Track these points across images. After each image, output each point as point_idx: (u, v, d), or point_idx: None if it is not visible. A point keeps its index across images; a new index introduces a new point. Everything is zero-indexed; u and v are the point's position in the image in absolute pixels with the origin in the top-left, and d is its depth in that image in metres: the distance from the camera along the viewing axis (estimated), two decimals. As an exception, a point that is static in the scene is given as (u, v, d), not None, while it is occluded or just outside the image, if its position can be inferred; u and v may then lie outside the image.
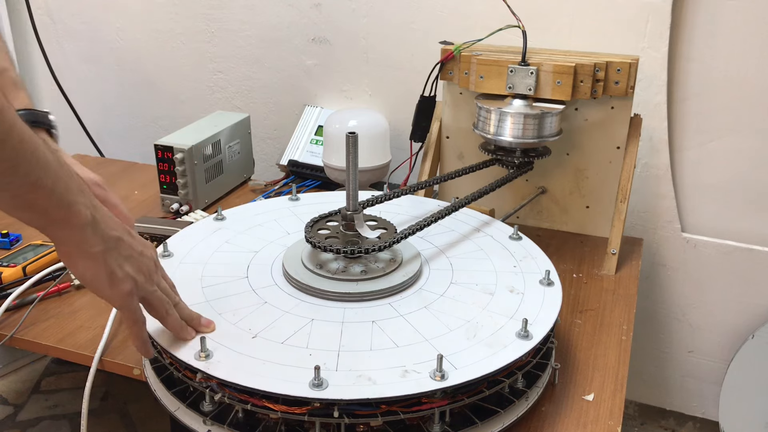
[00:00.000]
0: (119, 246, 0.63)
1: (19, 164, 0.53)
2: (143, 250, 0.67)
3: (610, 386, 0.81)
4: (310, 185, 1.37)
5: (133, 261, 0.64)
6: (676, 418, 1.46)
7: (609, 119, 1.09)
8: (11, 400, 1.49)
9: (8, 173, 0.53)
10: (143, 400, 1.46)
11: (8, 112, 0.51)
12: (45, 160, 0.55)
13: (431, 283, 0.82)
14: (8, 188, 0.54)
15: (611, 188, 1.12)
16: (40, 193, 0.56)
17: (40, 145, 0.55)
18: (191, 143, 1.20)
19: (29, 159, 0.54)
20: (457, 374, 0.65)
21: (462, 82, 1.08)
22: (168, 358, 0.72)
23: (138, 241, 0.67)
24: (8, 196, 0.55)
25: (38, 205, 0.56)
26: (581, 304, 0.98)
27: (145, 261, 0.66)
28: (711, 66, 1.20)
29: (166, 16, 1.59)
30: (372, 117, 1.31)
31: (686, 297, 1.35)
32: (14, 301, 0.92)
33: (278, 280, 0.81)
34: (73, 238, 0.60)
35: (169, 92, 1.66)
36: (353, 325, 0.73)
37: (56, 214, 0.58)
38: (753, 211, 1.26)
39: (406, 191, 0.97)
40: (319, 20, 1.45)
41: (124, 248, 0.64)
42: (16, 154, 0.52)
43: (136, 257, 0.65)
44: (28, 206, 0.56)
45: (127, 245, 0.64)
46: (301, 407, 0.64)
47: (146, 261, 0.66)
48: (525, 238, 0.92)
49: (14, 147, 0.52)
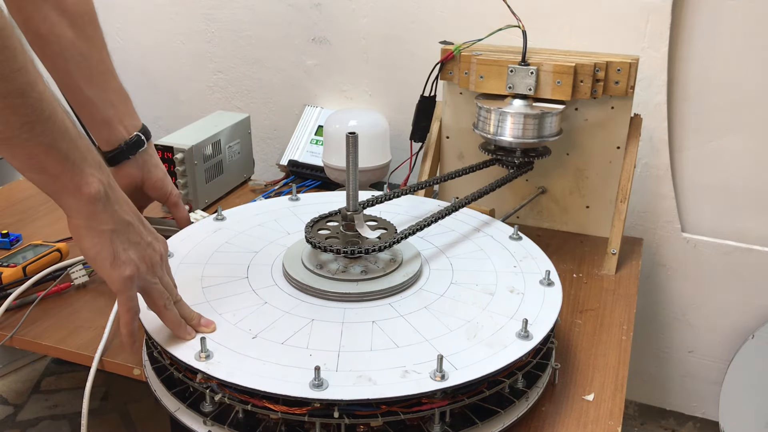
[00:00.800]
0: (128, 230, 0.65)
1: (36, 123, 0.55)
2: (152, 241, 0.68)
3: (610, 386, 0.81)
4: (310, 185, 1.37)
5: (139, 248, 0.66)
6: (676, 418, 1.46)
7: (609, 119, 1.09)
8: (11, 400, 1.49)
9: (26, 129, 0.55)
10: (143, 400, 1.46)
11: (31, 70, 0.54)
12: (63, 126, 0.58)
13: (431, 283, 0.82)
14: (25, 145, 0.56)
15: (611, 188, 1.12)
16: (53, 156, 0.58)
17: (60, 112, 0.57)
18: (191, 143, 1.20)
19: (47, 120, 0.56)
20: (457, 374, 0.65)
21: (462, 82, 1.08)
22: (168, 358, 0.72)
23: (149, 232, 0.68)
24: (24, 154, 0.57)
25: (51, 169, 0.58)
26: (581, 304, 0.98)
27: (151, 252, 0.67)
28: (711, 66, 1.20)
29: (166, 16, 1.59)
30: (372, 117, 1.31)
31: (686, 297, 1.35)
32: (14, 301, 0.92)
33: (278, 280, 0.81)
34: (83, 211, 0.61)
35: (169, 92, 1.66)
36: (353, 325, 0.73)
37: (68, 181, 0.59)
38: (753, 211, 1.26)
39: (406, 191, 0.97)
40: (319, 20, 1.45)
41: (132, 234, 0.65)
42: (34, 111, 0.55)
43: (143, 246, 0.66)
44: (41, 168, 0.58)
45: (137, 232, 0.66)
46: (302, 408, 0.64)
47: (152, 252, 0.68)
48: (525, 238, 0.92)
49: (33, 105, 0.55)
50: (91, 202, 0.61)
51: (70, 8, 0.88)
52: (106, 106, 0.92)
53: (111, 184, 0.63)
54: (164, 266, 0.70)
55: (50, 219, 1.19)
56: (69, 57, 0.89)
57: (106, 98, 0.92)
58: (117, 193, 0.63)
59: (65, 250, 1.03)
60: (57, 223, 1.17)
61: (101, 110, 0.92)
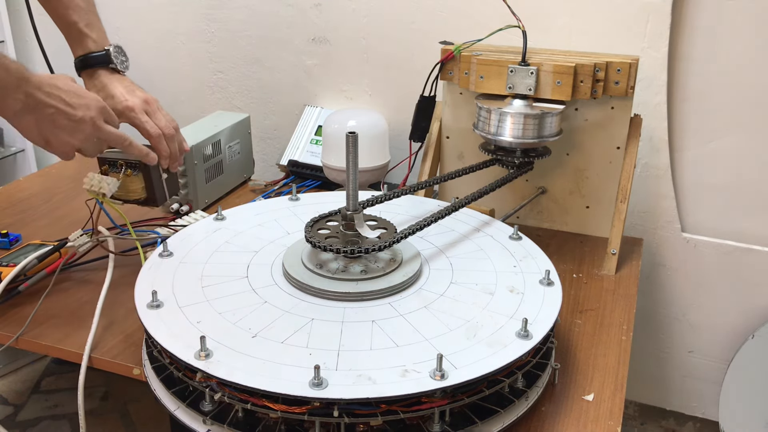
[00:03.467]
0: (54, 119, 0.80)
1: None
2: (83, 115, 0.82)
3: (610, 386, 0.81)
4: (310, 185, 1.37)
5: (69, 130, 0.81)
6: (676, 418, 1.46)
7: (609, 119, 1.09)
8: (11, 400, 1.49)
9: None
10: (143, 400, 1.46)
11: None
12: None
13: (431, 282, 0.82)
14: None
15: (611, 188, 1.12)
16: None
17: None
18: (191, 143, 1.20)
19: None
20: (457, 374, 0.65)
21: (462, 82, 1.08)
22: (168, 357, 0.72)
23: (79, 106, 0.82)
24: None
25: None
26: (581, 304, 0.98)
27: (83, 127, 0.82)
28: (711, 66, 1.20)
29: (166, 16, 1.59)
30: (371, 117, 1.31)
31: (686, 297, 1.35)
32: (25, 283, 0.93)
33: (278, 279, 0.81)
34: (11, 120, 0.80)
35: (169, 92, 1.66)
36: (353, 324, 0.73)
37: None
38: (753, 211, 1.26)
39: (406, 191, 0.97)
40: (319, 20, 1.45)
41: (60, 120, 0.81)
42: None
43: (72, 126, 0.81)
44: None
45: (64, 116, 0.81)
46: (301, 407, 0.64)
47: (84, 126, 0.82)
48: (525, 238, 0.92)
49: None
50: (14, 116, 0.79)
51: None
52: (70, 17, 1.00)
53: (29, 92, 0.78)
54: (102, 126, 0.84)
55: (50, 219, 1.19)
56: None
57: (69, 11, 1.00)
58: (35, 97, 0.78)
59: (65, 250, 1.03)
60: (57, 223, 1.17)
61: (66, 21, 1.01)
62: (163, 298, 0.76)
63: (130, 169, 0.94)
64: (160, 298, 0.76)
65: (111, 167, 0.95)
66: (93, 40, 0.99)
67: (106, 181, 0.91)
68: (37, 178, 1.38)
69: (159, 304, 0.75)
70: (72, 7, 0.98)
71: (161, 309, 0.75)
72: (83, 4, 0.99)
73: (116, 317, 0.91)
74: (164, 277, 0.81)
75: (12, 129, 0.82)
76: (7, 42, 1.72)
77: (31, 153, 1.82)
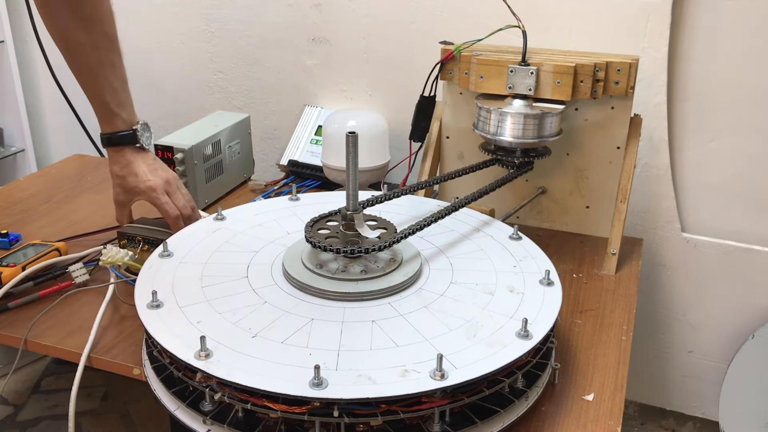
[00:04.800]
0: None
1: None
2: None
3: (610, 386, 0.81)
4: (310, 185, 1.37)
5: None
6: (676, 418, 1.46)
7: (609, 119, 1.09)
8: (11, 400, 1.49)
9: None
10: (143, 400, 1.46)
11: None
12: None
13: (431, 282, 0.82)
14: None
15: (611, 188, 1.12)
16: None
17: None
18: (191, 143, 1.20)
19: None
20: (457, 374, 0.65)
21: (462, 82, 1.08)
22: (168, 357, 0.72)
23: None
24: None
25: None
26: (581, 304, 0.98)
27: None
28: (711, 66, 1.20)
29: (166, 16, 1.59)
30: (371, 117, 1.31)
31: (686, 297, 1.35)
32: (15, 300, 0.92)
33: (278, 279, 0.81)
34: None
35: (169, 92, 1.66)
36: (353, 324, 0.73)
37: None
38: (753, 211, 1.26)
39: (406, 191, 0.97)
40: (319, 20, 1.45)
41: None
42: None
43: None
44: None
45: None
46: (301, 407, 0.64)
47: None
48: (525, 238, 0.92)
49: None
50: None
51: (85, 15, 0.97)
52: (103, 98, 1.02)
53: None
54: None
55: (49, 219, 1.19)
56: (80, 54, 1.00)
57: (103, 92, 1.01)
58: None
59: (64, 250, 1.03)
60: (56, 223, 1.17)
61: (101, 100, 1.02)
62: (163, 298, 0.76)
63: (148, 245, 0.98)
64: (160, 298, 0.76)
65: (129, 242, 1.00)
66: (123, 120, 1.01)
67: (122, 254, 0.95)
68: (37, 178, 1.38)
69: (159, 304, 0.75)
70: (106, 88, 0.99)
71: (161, 309, 0.75)
72: (117, 84, 1.00)
73: (116, 317, 0.91)
74: (164, 277, 0.81)
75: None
76: (7, 42, 1.72)
77: (31, 153, 1.82)
